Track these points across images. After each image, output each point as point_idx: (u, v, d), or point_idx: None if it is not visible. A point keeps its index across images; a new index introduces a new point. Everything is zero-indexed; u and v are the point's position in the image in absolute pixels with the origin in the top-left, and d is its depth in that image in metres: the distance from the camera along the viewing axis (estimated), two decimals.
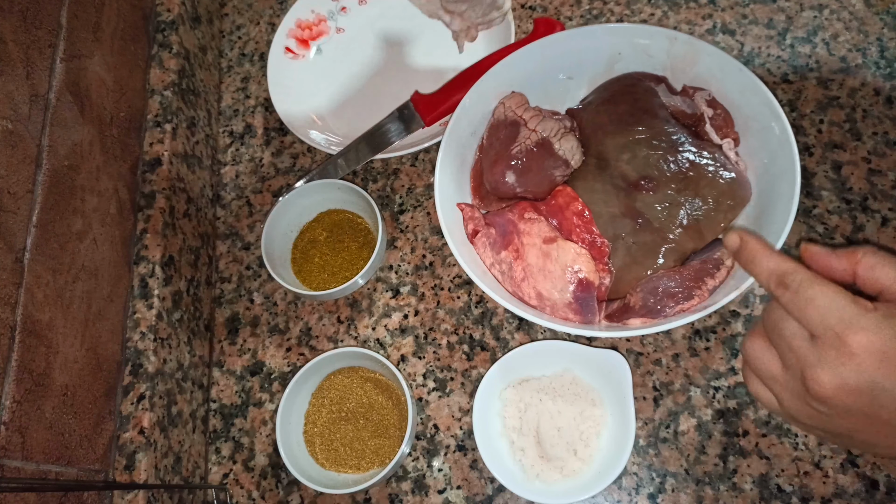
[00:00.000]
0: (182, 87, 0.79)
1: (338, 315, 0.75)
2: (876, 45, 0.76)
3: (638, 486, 0.63)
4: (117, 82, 0.71)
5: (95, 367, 0.60)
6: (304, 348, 0.74)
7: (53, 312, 0.56)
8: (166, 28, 0.80)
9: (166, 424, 0.64)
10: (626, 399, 0.61)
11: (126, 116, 0.72)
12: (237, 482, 0.70)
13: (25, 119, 0.57)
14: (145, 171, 0.72)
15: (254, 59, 0.91)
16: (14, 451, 0.49)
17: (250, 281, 0.78)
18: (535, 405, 0.65)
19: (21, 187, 0.55)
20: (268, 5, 0.94)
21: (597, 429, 0.63)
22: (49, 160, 0.58)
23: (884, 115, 0.72)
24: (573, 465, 0.62)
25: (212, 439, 0.72)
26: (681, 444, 0.64)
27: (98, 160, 0.66)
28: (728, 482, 0.62)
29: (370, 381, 0.69)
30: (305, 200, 0.76)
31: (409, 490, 0.66)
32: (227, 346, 0.76)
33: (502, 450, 0.64)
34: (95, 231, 0.63)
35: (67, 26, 0.64)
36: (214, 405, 0.73)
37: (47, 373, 0.54)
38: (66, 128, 0.62)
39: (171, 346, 0.67)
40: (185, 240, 0.74)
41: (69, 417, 0.56)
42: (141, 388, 0.63)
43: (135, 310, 0.66)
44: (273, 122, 0.86)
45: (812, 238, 0.69)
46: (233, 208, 0.82)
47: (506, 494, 0.64)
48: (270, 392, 0.73)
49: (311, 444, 0.68)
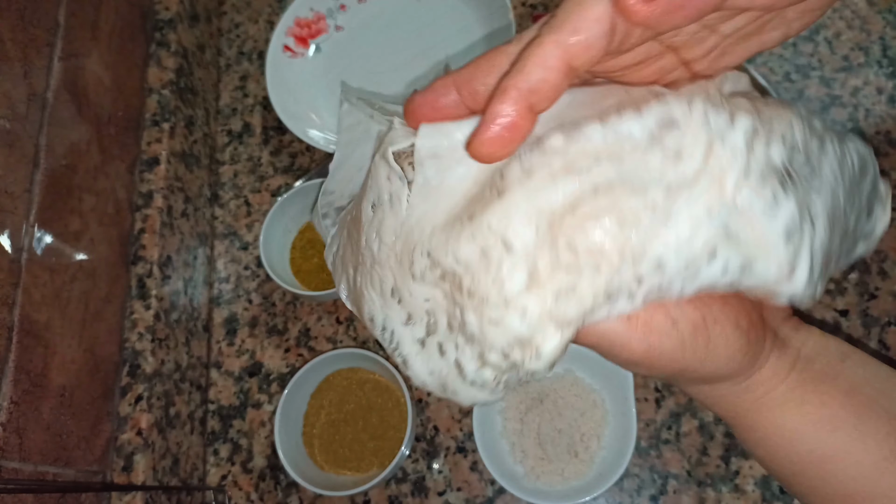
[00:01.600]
0: (180, 85, 0.78)
1: (337, 315, 0.74)
2: (878, 43, 0.75)
3: (639, 488, 0.63)
4: (115, 81, 0.71)
5: (93, 368, 0.60)
6: (303, 349, 0.73)
7: (51, 313, 0.55)
8: (164, 26, 0.79)
9: (164, 426, 0.64)
10: (627, 400, 0.61)
11: (124, 115, 0.71)
12: (235, 484, 0.69)
13: (23, 118, 0.56)
14: (143, 170, 0.72)
15: (252, 58, 0.91)
16: (11, 452, 0.49)
17: (248, 281, 0.78)
18: (536, 407, 0.64)
19: (18, 186, 0.54)
20: (266, 3, 0.94)
21: (598, 430, 0.63)
22: (46, 159, 0.58)
23: (886, 114, 0.72)
24: (574, 467, 0.62)
25: (210, 441, 0.71)
26: (682, 446, 0.63)
27: (96, 159, 0.65)
28: (730, 484, 0.61)
29: (369, 382, 0.69)
30: (304, 200, 0.76)
31: (408, 492, 0.66)
32: (226, 347, 0.75)
33: (503, 451, 0.64)
34: (93, 231, 0.63)
35: (65, 25, 0.64)
36: (212, 406, 0.73)
37: (45, 373, 0.54)
38: (63, 127, 0.61)
39: (168, 347, 0.67)
40: (183, 239, 0.73)
41: (67, 418, 0.55)
42: (139, 388, 0.62)
43: (132, 310, 0.66)
44: (272, 120, 0.86)
45: None
46: (231, 208, 0.82)
47: (506, 496, 0.64)
48: (269, 393, 0.72)
49: (309, 446, 0.67)
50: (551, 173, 0.25)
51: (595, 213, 0.25)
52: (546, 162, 0.25)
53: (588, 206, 0.25)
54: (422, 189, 0.28)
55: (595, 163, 0.25)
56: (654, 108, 0.25)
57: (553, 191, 0.25)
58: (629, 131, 0.25)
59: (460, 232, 0.26)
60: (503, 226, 0.25)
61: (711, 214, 0.25)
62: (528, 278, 0.25)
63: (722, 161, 0.25)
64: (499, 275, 0.25)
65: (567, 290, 0.25)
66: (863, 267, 0.67)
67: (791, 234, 0.25)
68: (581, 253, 0.25)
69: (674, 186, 0.25)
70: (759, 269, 0.26)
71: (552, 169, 0.25)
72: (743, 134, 0.25)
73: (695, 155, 0.25)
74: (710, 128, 0.25)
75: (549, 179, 0.25)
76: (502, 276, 0.25)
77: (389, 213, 0.29)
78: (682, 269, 0.25)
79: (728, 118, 0.25)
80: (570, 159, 0.25)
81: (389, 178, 0.29)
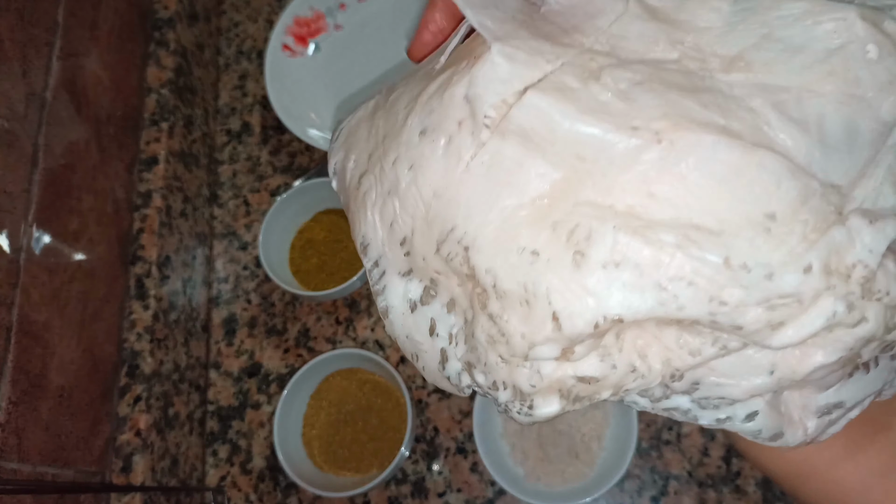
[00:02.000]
0: (179, 85, 0.78)
1: (336, 316, 0.74)
2: None
3: (640, 489, 0.63)
4: (114, 80, 0.71)
5: (92, 369, 0.59)
6: (303, 349, 0.73)
7: (49, 313, 0.55)
8: (163, 26, 0.79)
9: (163, 426, 0.64)
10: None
11: (123, 115, 0.71)
12: (234, 485, 0.69)
13: (22, 117, 0.56)
14: (142, 169, 0.72)
15: (251, 57, 0.90)
16: (10, 452, 0.49)
17: (247, 281, 0.78)
18: None
19: (17, 186, 0.54)
20: (266, 2, 0.93)
21: (599, 431, 0.63)
22: (45, 159, 0.58)
23: None
24: (575, 468, 0.62)
25: (209, 441, 0.71)
26: (683, 447, 0.63)
27: (94, 159, 0.65)
28: (731, 485, 0.61)
29: (369, 382, 0.69)
30: (304, 200, 0.76)
31: (408, 493, 0.66)
32: (225, 348, 0.75)
33: (503, 452, 0.64)
34: (92, 230, 0.63)
35: (64, 24, 0.64)
36: (211, 407, 0.73)
37: (43, 374, 0.53)
38: (62, 126, 0.61)
39: (167, 347, 0.67)
40: (182, 239, 0.73)
41: (66, 419, 0.55)
42: (137, 389, 0.62)
43: (131, 310, 0.66)
44: (271, 120, 0.85)
45: None
46: (230, 207, 0.82)
47: (507, 498, 0.64)
48: (268, 394, 0.72)
49: (309, 447, 0.67)
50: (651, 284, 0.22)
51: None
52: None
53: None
54: (491, 165, 0.22)
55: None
56: None
57: (642, 300, 0.21)
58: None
59: (511, 262, 0.22)
60: (562, 302, 0.22)
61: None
62: (560, 354, 0.22)
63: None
64: (533, 336, 0.22)
65: (591, 379, 0.23)
66: None
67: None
68: (622, 355, 0.23)
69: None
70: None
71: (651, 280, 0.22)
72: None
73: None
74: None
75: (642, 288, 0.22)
76: (536, 339, 0.22)
77: (439, 162, 0.23)
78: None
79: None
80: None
81: (461, 124, 0.23)
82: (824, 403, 0.24)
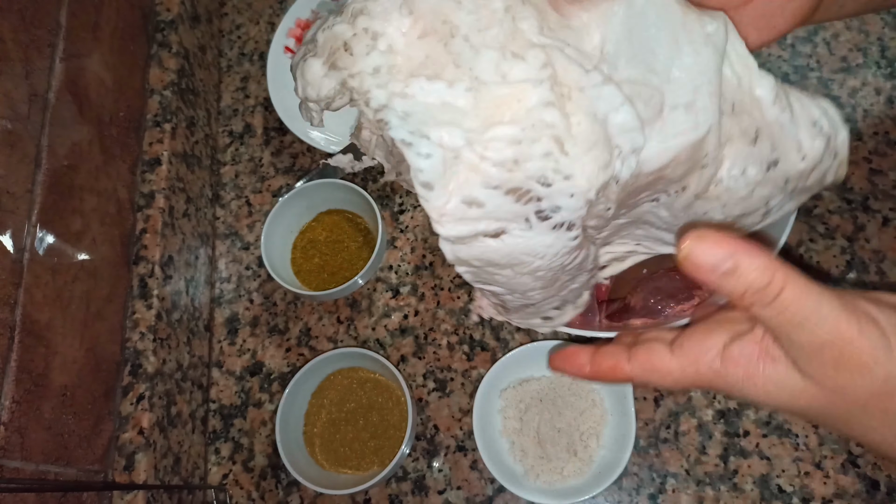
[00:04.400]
0: (181, 86, 0.78)
1: (337, 315, 0.75)
2: (877, 44, 0.76)
3: (638, 487, 0.63)
4: (116, 82, 0.71)
5: (94, 368, 0.60)
6: (304, 349, 0.74)
7: (53, 313, 0.56)
8: (166, 27, 0.79)
9: (165, 425, 0.64)
10: (626, 399, 0.61)
11: (125, 116, 0.72)
12: (237, 483, 0.70)
13: (24, 119, 0.56)
14: (145, 170, 0.72)
15: (253, 59, 0.91)
16: (13, 451, 0.49)
17: (250, 281, 0.78)
18: (536, 406, 0.64)
19: (20, 187, 0.55)
20: (267, 4, 0.94)
21: (597, 429, 0.63)
22: (48, 160, 0.58)
23: (884, 114, 0.72)
24: (573, 466, 0.62)
25: (211, 440, 0.72)
26: (681, 445, 0.63)
27: (97, 160, 0.65)
28: (729, 482, 0.61)
29: (370, 381, 0.69)
30: (305, 200, 0.76)
31: (408, 491, 0.66)
32: (227, 347, 0.75)
33: (502, 450, 0.64)
34: (95, 231, 0.63)
35: (66, 26, 0.64)
36: (214, 406, 0.73)
37: (46, 373, 0.54)
38: (65, 127, 0.61)
39: (170, 347, 0.67)
40: (185, 240, 0.74)
41: (68, 418, 0.56)
42: (140, 388, 0.63)
43: (134, 310, 0.66)
44: (272, 121, 0.86)
45: (812, 238, 0.68)
46: (232, 208, 0.82)
47: (506, 495, 0.64)
48: (270, 392, 0.73)
49: (310, 445, 0.68)
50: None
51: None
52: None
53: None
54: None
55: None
56: None
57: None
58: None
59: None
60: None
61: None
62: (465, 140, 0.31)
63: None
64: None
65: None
66: (861, 267, 0.67)
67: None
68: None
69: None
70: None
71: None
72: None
73: None
74: None
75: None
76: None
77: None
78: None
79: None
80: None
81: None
82: (469, 194, 0.31)
